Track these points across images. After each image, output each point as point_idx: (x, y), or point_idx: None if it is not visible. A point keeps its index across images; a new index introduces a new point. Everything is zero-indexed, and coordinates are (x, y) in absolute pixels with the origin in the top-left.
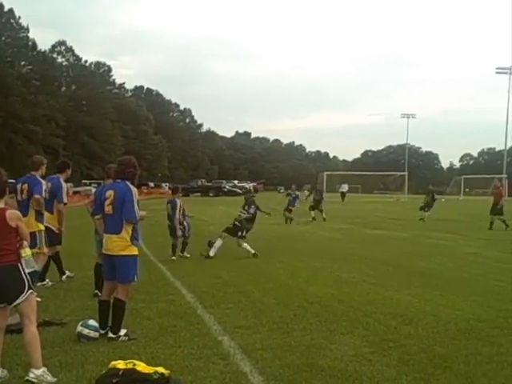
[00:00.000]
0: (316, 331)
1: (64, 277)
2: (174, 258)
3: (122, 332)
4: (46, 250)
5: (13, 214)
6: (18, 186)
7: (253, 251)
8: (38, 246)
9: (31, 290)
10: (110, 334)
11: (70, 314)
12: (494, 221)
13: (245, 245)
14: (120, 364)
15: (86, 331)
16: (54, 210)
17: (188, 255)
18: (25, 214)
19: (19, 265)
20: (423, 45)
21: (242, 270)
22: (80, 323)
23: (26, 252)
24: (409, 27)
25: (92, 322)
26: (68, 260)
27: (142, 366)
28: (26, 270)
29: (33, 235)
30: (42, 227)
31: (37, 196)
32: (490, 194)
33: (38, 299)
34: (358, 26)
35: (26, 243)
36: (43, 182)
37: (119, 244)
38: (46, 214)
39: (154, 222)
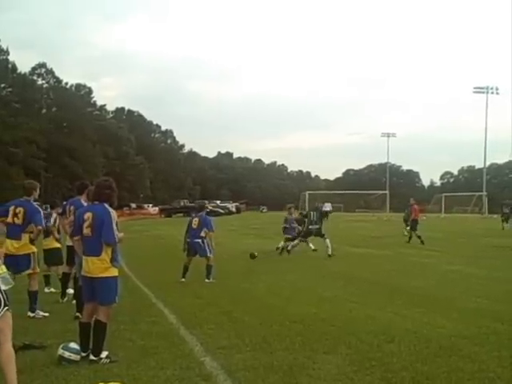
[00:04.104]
0: (299, 351)
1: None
2: (209, 280)
3: (104, 354)
4: (38, 270)
5: None
6: (11, 207)
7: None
8: (31, 267)
9: (7, 307)
10: (92, 357)
11: (51, 336)
12: (412, 234)
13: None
14: None
15: (67, 354)
16: None
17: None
18: (17, 238)
19: None
20: (402, 64)
21: (224, 290)
22: (61, 346)
23: (2, 269)
24: (388, 48)
25: (73, 345)
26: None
27: None
28: (3, 287)
29: (27, 257)
30: (35, 249)
31: (39, 228)
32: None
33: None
34: (338, 48)
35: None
36: (41, 209)
37: (99, 266)
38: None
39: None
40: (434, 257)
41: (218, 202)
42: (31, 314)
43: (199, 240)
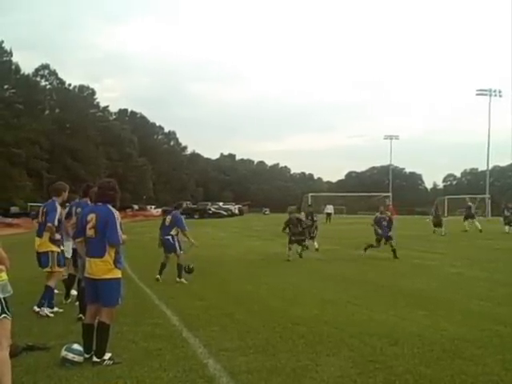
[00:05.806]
0: (302, 353)
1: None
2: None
3: (107, 356)
4: (57, 269)
5: None
6: (41, 208)
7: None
8: (49, 265)
9: (4, 315)
10: (95, 358)
11: (54, 338)
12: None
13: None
14: None
15: (70, 355)
16: None
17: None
18: (40, 236)
19: None
20: (405, 67)
21: (227, 292)
22: (64, 347)
23: (2, 277)
24: (391, 50)
25: (76, 346)
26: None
27: None
28: (1, 295)
29: (45, 255)
30: (55, 248)
31: (49, 224)
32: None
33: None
34: (341, 50)
35: (2, 268)
36: (59, 209)
37: (103, 268)
38: None
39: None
40: (437, 259)
41: (221, 203)
42: (36, 309)
43: (169, 237)
